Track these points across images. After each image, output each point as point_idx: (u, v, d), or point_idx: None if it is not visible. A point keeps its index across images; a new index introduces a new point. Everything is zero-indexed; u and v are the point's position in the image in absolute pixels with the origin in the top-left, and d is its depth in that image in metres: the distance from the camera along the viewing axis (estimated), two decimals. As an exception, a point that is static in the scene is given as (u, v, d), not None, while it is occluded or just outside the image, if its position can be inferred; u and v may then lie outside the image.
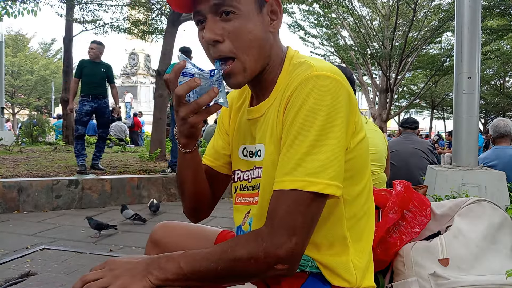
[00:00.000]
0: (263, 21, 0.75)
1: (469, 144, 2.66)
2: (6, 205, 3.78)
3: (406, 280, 0.90)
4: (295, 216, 0.64)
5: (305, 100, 0.67)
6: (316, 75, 0.69)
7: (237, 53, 0.73)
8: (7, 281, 2.11)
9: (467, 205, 0.94)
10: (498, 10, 9.85)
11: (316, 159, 0.65)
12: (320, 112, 0.66)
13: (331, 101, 0.67)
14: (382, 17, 13.12)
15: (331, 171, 0.65)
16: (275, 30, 0.77)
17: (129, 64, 21.38)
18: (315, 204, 0.65)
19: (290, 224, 0.64)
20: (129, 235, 3.14)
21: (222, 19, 0.72)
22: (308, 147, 0.65)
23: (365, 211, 0.81)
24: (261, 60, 0.76)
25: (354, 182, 0.76)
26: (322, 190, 0.64)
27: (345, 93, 0.69)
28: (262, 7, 0.75)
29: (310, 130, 0.66)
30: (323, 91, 0.67)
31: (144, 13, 9.06)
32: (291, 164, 0.66)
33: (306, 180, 0.64)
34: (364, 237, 0.81)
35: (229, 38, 0.72)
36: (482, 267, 0.85)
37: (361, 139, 0.75)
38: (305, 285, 0.77)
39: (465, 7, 2.66)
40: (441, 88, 19.41)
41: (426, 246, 0.90)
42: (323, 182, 0.64)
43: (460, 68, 2.67)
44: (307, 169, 0.65)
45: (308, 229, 0.66)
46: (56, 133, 10.64)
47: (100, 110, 4.79)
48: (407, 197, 0.99)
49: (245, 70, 0.75)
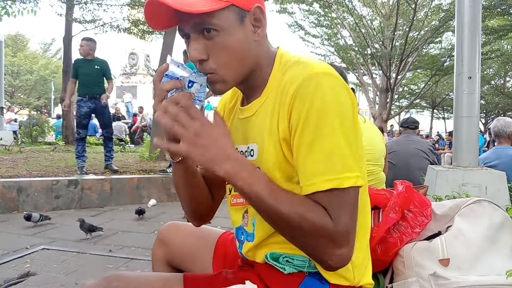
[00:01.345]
0: (245, 32, 0.75)
1: (470, 144, 2.66)
2: (5, 205, 3.78)
3: (407, 280, 0.89)
4: (345, 210, 0.68)
5: (312, 100, 0.68)
6: (317, 73, 0.70)
7: (216, 69, 0.75)
8: (6, 281, 2.11)
9: (467, 205, 0.94)
10: (499, 10, 9.85)
11: (341, 156, 0.68)
12: (330, 110, 0.68)
13: (336, 97, 0.69)
14: (383, 17, 13.13)
15: (355, 163, 0.69)
16: (259, 39, 0.77)
17: (129, 64, 21.38)
18: (352, 197, 0.69)
19: (345, 217, 0.67)
20: (129, 235, 3.13)
21: (205, 36, 0.73)
22: (329, 145, 0.68)
23: (360, 210, 0.80)
24: (243, 70, 0.77)
25: None
26: (355, 184, 0.68)
27: (345, 88, 0.72)
28: (243, 17, 0.74)
29: (326, 129, 0.68)
30: (328, 89, 0.69)
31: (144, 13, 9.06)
32: (319, 166, 0.68)
33: (339, 177, 0.67)
34: (360, 235, 0.80)
35: (212, 55, 0.74)
36: (483, 267, 0.85)
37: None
38: (303, 284, 0.77)
39: (465, 7, 2.66)
40: (441, 88, 19.43)
41: (427, 246, 0.90)
42: (353, 175, 0.68)
43: (460, 68, 2.67)
44: (336, 167, 0.67)
45: (355, 219, 0.70)
46: (56, 133, 10.64)
47: (99, 110, 4.73)
48: (408, 197, 0.99)
49: (224, 81, 0.76)
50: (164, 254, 1.08)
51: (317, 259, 0.70)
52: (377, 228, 0.94)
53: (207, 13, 0.70)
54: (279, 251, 0.79)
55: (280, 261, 0.78)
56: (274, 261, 0.79)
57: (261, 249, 0.83)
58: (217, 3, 0.70)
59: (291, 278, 0.77)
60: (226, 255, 1.03)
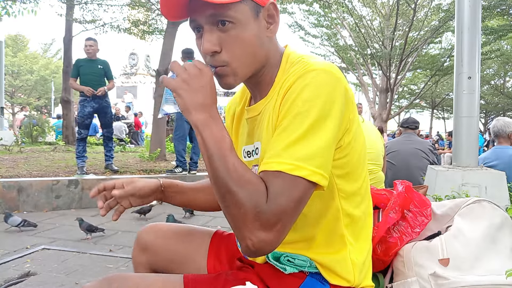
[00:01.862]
0: (259, 27, 0.75)
1: (469, 144, 2.66)
2: (6, 205, 3.78)
3: (406, 280, 0.90)
4: (286, 197, 0.63)
5: (302, 91, 0.68)
6: (313, 69, 0.70)
7: (229, 61, 0.74)
8: (7, 281, 2.11)
9: (467, 205, 0.94)
10: (498, 10, 9.85)
11: (306, 146, 0.65)
12: (315, 103, 0.66)
13: (327, 93, 0.67)
14: (382, 17, 13.13)
15: (319, 160, 0.65)
16: (272, 35, 0.78)
17: (129, 64, 21.38)
18: (299, 189, 0.64)
19: (282, 203, 0.63)
20: (129, 235, 3.13)
21: (219, 29, 0.72)
22: (300, 134, 0.65)
23: (363, 211, 0.81)
24: (254, 65, 0.77)
25: (351, 180, 0.76)
26: (307, 176, 0.64)
27: (342, 88, 0.70)
28: (258, 12, 0.75)
29: (304, 119, 0.66)
30: (320, 84, 0.68)
31: (144, 13, 9.07)
32: (280, 147, 0.66)
33: (293, 164, 0.64)
34: (362, 237, 0.81)
35: (225, 47, 0.73)
36: (483, 267, 0.85)
37: (355, 137, 0.74)
38: (304, 285, 0.77)
39: (465, 7, 2.66)
40: (441, 88, 19.42)
41: (426, 246, 0.90)
42: (309, 168, 0.64)
43: (460, 68, 2.67)
44: (295, 154, 0.64)
45: (295, 211, 0.64)
46: (56, 133, 10.64)
47: (102, 110, 4.72)
48: (408, 197, 0.99)
49: (235, 74, 0.76)
50: (147, 260, 1.03)
51: (239, 234, 0.64)
52: (377, 228, 0.94)
53: (224, 5, 0.70)
54: (280, 250, 0.79)
55: (281, 261, 0.78)
56: (275, 261, 0.79)
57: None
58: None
59: (292, 279, 0.77)
60: (222, 256, 1.01)
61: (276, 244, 0.64)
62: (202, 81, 0.70)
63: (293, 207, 0.64)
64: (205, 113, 0.69)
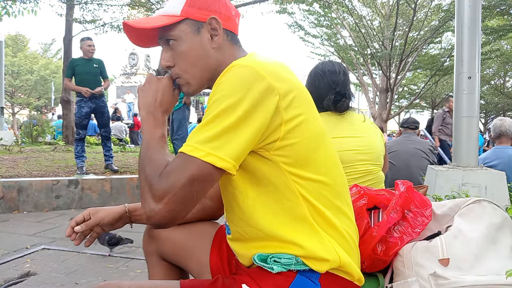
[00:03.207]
0: (201, 40, 0.85)
1: (469, 144, 2.66)
2: (6, 205, 3.78)
3: (406, 280, 0.89)
4: (177, 175, 0.71)
5: (220, 84, 0.76)
6: (235, 65, 0.78)
7: (180, 73, 0.88)
8: (7, 281, 2.11)
9: (467, 205, 0.94)
10: (498, 9, 9.85)
11: (208, 131, 0.72)
12: (228, 94, 0.73)
13: (241, 85, 0.73)
14: (382, 17, 13.12)
15: (217, 143, 0.71)
16: (216, 45, 0.86)
17: (129, 64, 21.38)
18: (196, 169, 0.71)
19: (171, 180, 0.71)
20: (129, 235, 3.13)
21: (170, 47, 0.87)
22: (207, 120, 0.73)
23: (336, 206, 0.83)
24: (203, 73, 0.87)
25: (302, 167, 0.79)
26: (202, 157, 0.71)
27: (261, 81, 0.74)
28: (200, 28, 0.85)
29: (215, 108, 0.73)
30: (236, 77, 0.75)
31: (144, 13, 9.07)
32: (191, 133, 0.75)
33: (193, 146, 0.72)
34: (339, 232, 0.82)
35: (176, 62, 0.87)
36: (483, 267, 0.85)
37: (299, 129, 0.78)
38: (294, 283, 0.78)
39: (465, 7, 2.66)
40: (441, 88, 19.41)
41: (426, 246, 0.90)
42: (204, 150, 0.71)
43: (460, 68, 2.67)
44: (197, 137, 0.72)
45: (185, 191, 0.71)
46: (56, 133, 10.64)
47: (99, 110, 4.72)
48: (409, 197, 0.99)
49: (188, 83, 0.89)
50: (156, 249, 1.10)
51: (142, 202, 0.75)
52: (377, 228, 0.94)
53: (165, 27, 0.84)
54: (264, 252, 0.81)
55: (268, 262, 0.80)
56: (263, 262, 0.81)
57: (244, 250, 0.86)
58: (171, 19, 0.84)
59: (281, 278, 0.79)
60: (223, 254, 1.03)
61: (167, 219, 0.72)
62: (155, 87, 0.88)
63: (183, 183, 0.71)
64: (148, 112, 0.86)
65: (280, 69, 0.81)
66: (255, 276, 0.81)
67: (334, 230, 0.82)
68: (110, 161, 4.89)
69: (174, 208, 0.71)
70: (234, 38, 0.89)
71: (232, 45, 0.89)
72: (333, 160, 0.87)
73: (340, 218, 0.84)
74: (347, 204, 0.87)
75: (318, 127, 0.83)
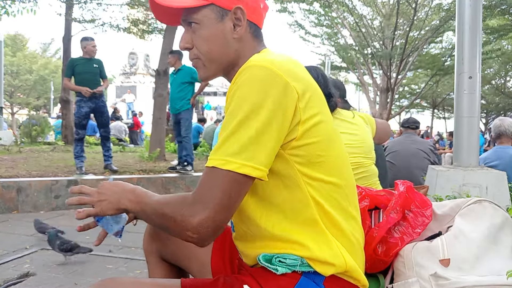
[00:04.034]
0: (224, 28, 0.84)
1: (470, 144, 2.65)
2: (5, 205, 3.78)
3: (407, 280, 0.89)
4: (212, 191, 0.71)
5: (237, 89, 0.74)
6: (249, 66, 0.76)
7: (198, 56, 0.87)
8: (6, 282, 2.11)
9: (468, 205, 0.94)
10: (499, 9, 9.85)
11: (236, 141, 0.71)
12: (247, 99, 0.72)
13: (259, 88, 0.73)
14: (383, 17, 13.12)
15: (249, 153, 0.70)
16: (238, 36, 0.85)
17: (128, 64, 21.38)
18: (232, 182, 0.71)
19: (207, 197, 0.71)
20: (129, 235, 3.12)
21: (191, 29, 0.86)
22: (231, 130, 0.72)
23: (345, 209, 0.82)
24: (220, 60, 0.86)
25: (315, 168, 0.78)
26: (237, 169, 0.70)
27: (280, 82, 0.73)
28: (224, 16, 0.84)
29: (236, 115, 0.72)
30: (253, 80, 0.74)
31: (143, 12, 9.06)
32: (217, 144, 0.73)
33: (224, 159, 0.71)
34: (347, 236, 0.81)
35: (195, 44, 0.86)
36: (483, 268, 0.84)
37: (313, 125, 0.77)
38: (298, 285, 0.77)
39: (466, 7, 2.65)
40: (442, 88, 19.41)
41: (427, 246, 0.90)
42: (238, 162, 0.70)
43: (461, 68, 2.66)
44: (226, 150, 0.71)
45: (224, 205, 0.71)
46: (55, 133, 10.64)
47: (98, 110, 4.71)
48: (409, 197, 0.98)
49: (205, 66, 0.88)
50: (157, 248, 1.09)
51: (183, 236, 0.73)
52: (378, 228, 0.94)
53: (190, 9, 0.83)
54: (269, 252, 0.80)
55: (273, 262, 0.79)
56: (267, 263, 0.79)
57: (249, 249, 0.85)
58: (196, 2, 0.82)
59: (286, 280, 0.78)
60: (225, 254, 1.02)
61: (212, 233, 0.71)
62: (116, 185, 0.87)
63: (221, 197, 0.70)
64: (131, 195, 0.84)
65: (296, 68, 0.80)
66: (258, 276, 0.81)
67: (342, 234, 0.81)
68: (109, 161, 4.88)
69: (216, 221, 0.71)
70: (257, 31, 0.88)
71: (254, 38, 0.87)
72: (344, 161, 0.86)
73: (349, 221, 0.83)
74: (355, 207, 0.86)
75: (331, 127, 0.83)
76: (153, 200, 0.80)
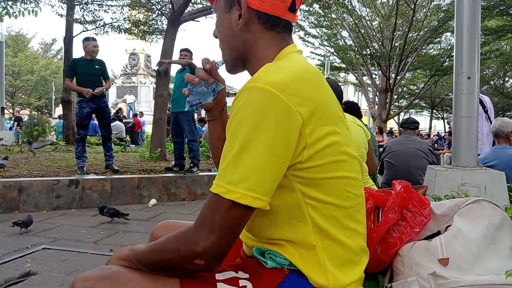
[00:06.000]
0: (230, 19, 0.84)
1: (469, 144, 2.66)
2: (6, 205, 3.78)
3: (406, 280, 0.90)
4: (215, 218, 0.69)
5: (238, 111, 0.71)
6: (250, 87, 0.71)
7: (219, 44, 0.89)
8: (7, 281, 2.12)
9: (466, 205, 0.94)
10: (498, 10, 9.86)
11: (238, 169, 0.68)
12: (246, 124, 0.69)
13: (259, 114, 0.68)
14: (382, 17, 13.14)
15: (250, 183, 0.68)
16: (241, 26, 0.83)
17: (129, 64, 21.37)
18: (233, 210, 0.69)
19: (209, 224, 0.69)
20: (129, 235, 3.14)
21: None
22: (232, 156, 0.69)
23: (348, 227, 0.79)
24: (231, 50, 0.87)
25: (316, 188, 0.76)
26: (238, 199, 0.68)
27: (279, 106, 0.69)
28: (231, 6, 0.83)
29: (236, 140, 0.69)
30: (253, 104, 0.69)
31: (144, 13, 9.06)
32: (220, 168, 0.71)
33: (226, 188, 0.68)
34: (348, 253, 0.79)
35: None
36: (482, 267, 0.85)
37: (319, 150, 0.74)
38: (286, 280, 0.78)
39: (464, 7, 2.66)
40: (440, 88, 19.43)
41: (426, 246, 0.90)
42: (238, 191, 0.68)
43: (459, 68, 2.67)
44: (229, 177, 0.69)
45: (226, 232, 0.69)
46: (57, 133, 10.64)
47: (100, 110, 4.72)
48: (406, 197, 0.99)
49: (224, 55, 0.89)
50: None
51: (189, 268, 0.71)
52: (376, 228, 0.94)
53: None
54: (264, 246, 0.83)
55: (265, 256, 0.82)
56: (260, 256, 0.82)
57: (248, 240, 0.87)
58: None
59: (274, 273, 0.79)
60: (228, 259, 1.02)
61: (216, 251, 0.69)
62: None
63: (220, 224, 0.68)
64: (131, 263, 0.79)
65: (306, 85, 0.73)
66: (249, 266, 0.82)
67: (343, 251, 0.78)
68: (111, 161, 4.89)
69: (220, 246, 0.70)
70: (270, 21, 0.81)
71: (266, 30, 0.82)
72: (350, 181, 0.80)
73: (352, 237, 0.80)
74: (360, 223, 0.83)
75: (340, 144, 0.77)
76: (148, 244, 0.78)
